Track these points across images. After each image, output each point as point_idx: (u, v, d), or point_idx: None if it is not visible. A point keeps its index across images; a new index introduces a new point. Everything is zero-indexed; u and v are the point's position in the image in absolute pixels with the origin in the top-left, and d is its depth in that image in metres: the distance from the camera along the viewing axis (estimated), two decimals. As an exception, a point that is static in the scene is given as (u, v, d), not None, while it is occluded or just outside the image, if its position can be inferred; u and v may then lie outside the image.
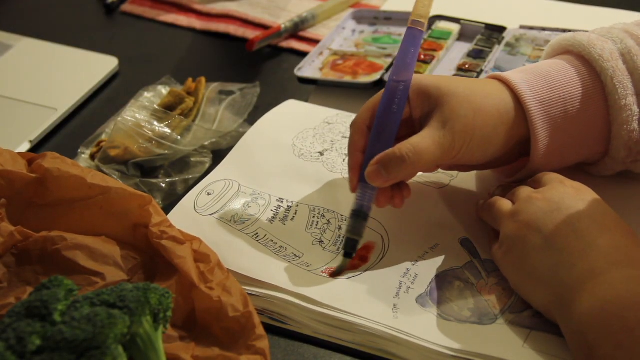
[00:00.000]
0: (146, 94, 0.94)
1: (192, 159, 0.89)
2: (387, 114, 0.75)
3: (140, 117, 0.87)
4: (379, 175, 0.73)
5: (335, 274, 0.75)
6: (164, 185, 0.86)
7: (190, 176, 0.87)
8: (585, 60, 0.77)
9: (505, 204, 0.74)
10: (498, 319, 0.71)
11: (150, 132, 0.87)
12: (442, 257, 0.76)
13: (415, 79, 0.76)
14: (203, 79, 0.95)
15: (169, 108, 0.90)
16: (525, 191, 0.74)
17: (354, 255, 0.76)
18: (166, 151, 0.87)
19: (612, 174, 0.81)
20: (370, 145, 0.75)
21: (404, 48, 0.76)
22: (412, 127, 0.77)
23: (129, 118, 0.87)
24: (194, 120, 0.91)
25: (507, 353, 0.68)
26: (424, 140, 0.73)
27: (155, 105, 0.91)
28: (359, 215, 0.75)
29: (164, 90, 0.95)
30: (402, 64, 0.76)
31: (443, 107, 0.74)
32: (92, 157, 0.88)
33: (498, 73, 0.78)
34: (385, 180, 0.74)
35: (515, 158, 0.78)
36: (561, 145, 0.76)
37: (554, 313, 0.68)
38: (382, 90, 0.76)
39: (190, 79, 0.95)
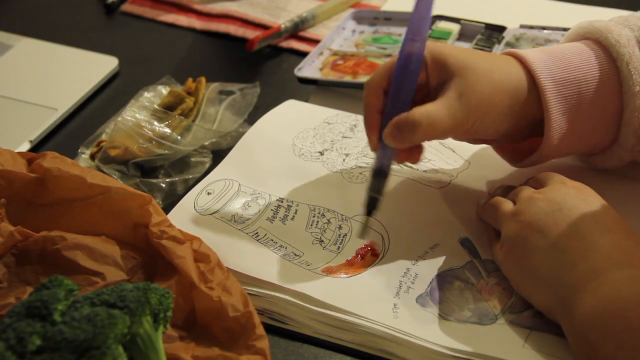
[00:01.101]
0: (146, 94, 0.94)
1: (192, 159, 0.89)
2: (405, 76, 0.75)
3: (140, 117, 0.87)
4: (396, 138, 0.74)
5: (361, 234, 0.76)
6: (164, 185, 0.86)
7: (190, 176, 0.87)
8: (602, 46, 0.77)
9: (506, 204, 0.74)
10: (498, 319, 0.71)
11: (150, 132, 0.87)
12: (442, 257, 0.76)
13: (435, 47, 0.76)
14: (203, 79, 0.95)
15: (169, 108, 0.90)
16: (526, 191, 0.74)
17: (361, 250, 0.76)
18: (166, 151, 0.87)
19: (618, 166, 0.80)
20: (388, 107, 0.75)
21: (417, 9, 0.75)
22: (427, 92, 0.77)
23: (129, 118, 0.87)
24: (194, 120, 0.91)
25: (508, 353, 0.68)
26: (440, 109, 0.73)
27: (155, 105, 0.91)
28: (380, 174, 0.75)
29: (164, 90, 0.95)
30: (417, 24, 0.75)
31: (461, 79, 0.74)
32: (92, 157, 0.88)
33: (514, 50, 0.78)
34: (401, 142, 0.74)
35: (527, 136, 0.79)
36: (574, 128, 0.76)
37: (555, 313, 0.68)
38: (398, 54, 0.76)
39: (190, 79, 0.95)
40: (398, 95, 0.75)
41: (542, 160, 0.78)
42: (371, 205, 0.75)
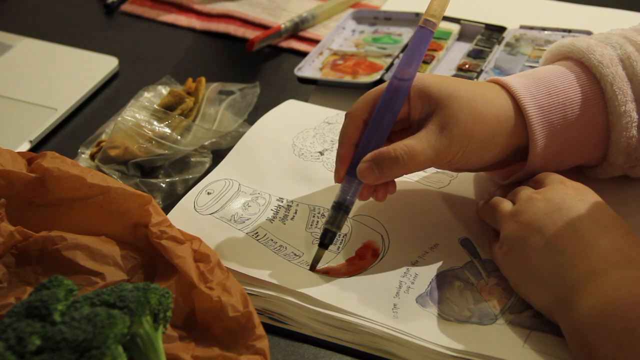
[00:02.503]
0: (146, 94, 0.94)
1: (192, 159, 0.89)
2: (387, 112, 0.74)
3: (140, 117, 0.87)
4: (371, 173, 0.73)
5: (312, 267, 0.75)
6: (164, 185, 0.86)
7: (190, 176, 0.87)
8: (584, 67, 0.77)
9: (505, 204, 0.74)
10: (498, 319, 0.71)
11: (150, 132, 0.87)
12: (443, 257, 0.76)
13: (418, 78, 0.75)
14: (203, 79, 0.95)
15: (169, 108, 0.90)
16: (525, 192, 0.74)
17: (355, 256, 0.76)
18: (166, 151, 0.87)
19: (607, 179, 0.80)
20: (365, 140, 0.74)
21: (411, 47, 0.75)
22: (407, 124, 0.76)
23: (129, 118, 0.87)
24: (194, 120, 0.91)
25: (507, 353, 0.68)
26: (420, 143, 0.72)
27: (155, 105, 0.91)
28: (341, 208, 0.75)
29: (164, 90, 0.95)
30: (407, 62, 0.74)
31: (443, 110, 0.73)
32: (92, 157, 0.88)
33: (497, 77, 0.78)
34: (376, 178, 0.73)
35: (510, 162, 0.78)
36: (559, 151, 0.76)
37: (554, 314, 0.68)
38: (381, 85, 0.76)
39: (190, 79, 0.95)
40: (377, 130, 0.74)
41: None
42: (326, 239, 0.75)
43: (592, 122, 0.76)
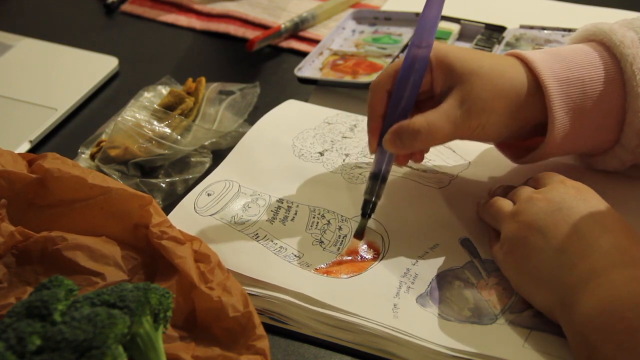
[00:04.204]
0: (146, 94, 0.94)
1: (192, 159, 0.89)
2: (407, 81, 0.76)
3: (140, 117, 0.87)
4: (395, 145, 0.75)
5: (357, 234, 0.78)
6: (164, 185, 0.86)
7: (190, 176, 0.87)
8: (606, 47, 0.77)
9: (506, 204, 0.74)
10: (498, 319, 0.71)
11: (150, 132, 0.87)
12: (442, 257, 0.76)
13: (441, 50, 0.76)
14: (203, 79, 0.95)
15: (169, 108, 0.90)
16: (525, 191, 0.74)
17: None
18: (166, 151, 0.87)
19: (618, 168, 0.80)
20: (390, 112, 0.76)
21: (425, 13, 0.76)
22: (431, 94, 0.77)
23: (129, 118, 0.87)
24: (194, 120, 0.91)
25: (508, 353, 0.68)
26: (440, 117, 0.74)
27: (155, 105, 0.91)
28: (377, 178, 0.77)
29: (164, 90, 0.95)
30: (423, 29, 0.75)
31: (464, 85, 0.74)
32: (92, 157, 0.88)
33: (518, 51, 0.78)
34: (400, 149, 0.76)
35: (528, 137, 0.79)
36: (577, 127, 0.76)
37: (555, 314, 0.68)
38: (404, 57, 0.76)
39: (190, 79, 0.95)
40: (400, 101, 0.76)
41: (543, 157, 0.79)
42: (366, 208, 0.77)
43: (610, 101, 0.76)
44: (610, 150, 0.79)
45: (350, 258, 0.77)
